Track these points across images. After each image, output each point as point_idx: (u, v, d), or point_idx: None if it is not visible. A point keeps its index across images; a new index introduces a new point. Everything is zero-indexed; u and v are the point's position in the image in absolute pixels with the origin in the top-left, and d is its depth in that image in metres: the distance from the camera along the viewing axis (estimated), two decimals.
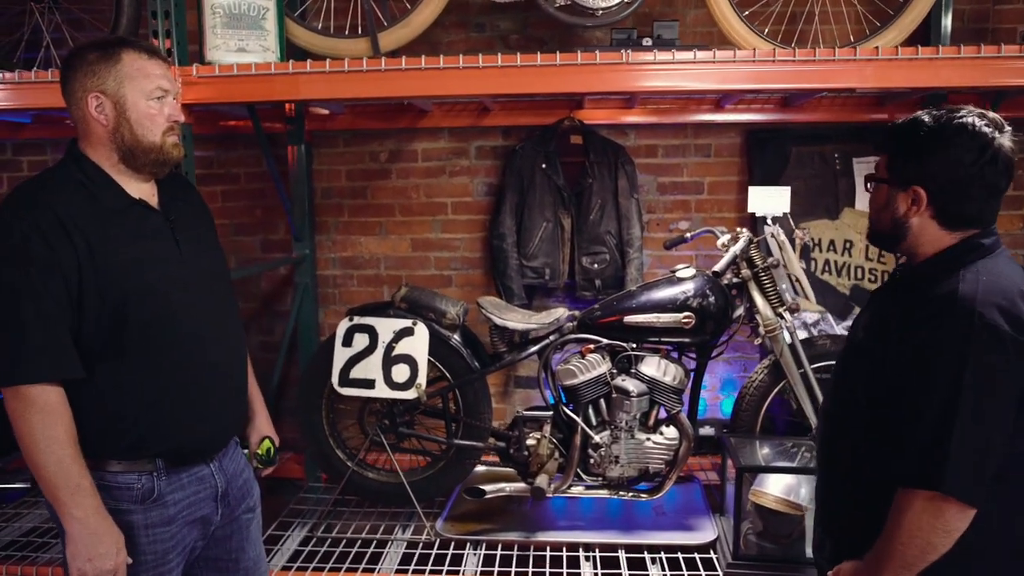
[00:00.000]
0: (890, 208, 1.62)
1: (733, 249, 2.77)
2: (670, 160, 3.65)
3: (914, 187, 1.56)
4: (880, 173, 1.66)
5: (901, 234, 1.61)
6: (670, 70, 2.42)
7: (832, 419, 1.75)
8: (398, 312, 2.93)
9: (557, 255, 3.47)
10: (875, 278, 3.43)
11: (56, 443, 1.61)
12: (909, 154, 1.58)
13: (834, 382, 1.79)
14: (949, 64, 2.47)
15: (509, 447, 2.95)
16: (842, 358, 1.75)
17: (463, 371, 2.94)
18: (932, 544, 1.46)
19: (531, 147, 3.45)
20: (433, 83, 2.41)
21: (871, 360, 1.60)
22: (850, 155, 3.48)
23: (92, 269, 1.65)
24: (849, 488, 1.69)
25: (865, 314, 1.73)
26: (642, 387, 2.77)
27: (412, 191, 3.72)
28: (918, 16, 2.67)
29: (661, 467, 2.86)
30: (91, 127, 1.76)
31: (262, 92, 2.41)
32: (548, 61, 2.46)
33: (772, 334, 2.82)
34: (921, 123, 1.57)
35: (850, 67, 2.48)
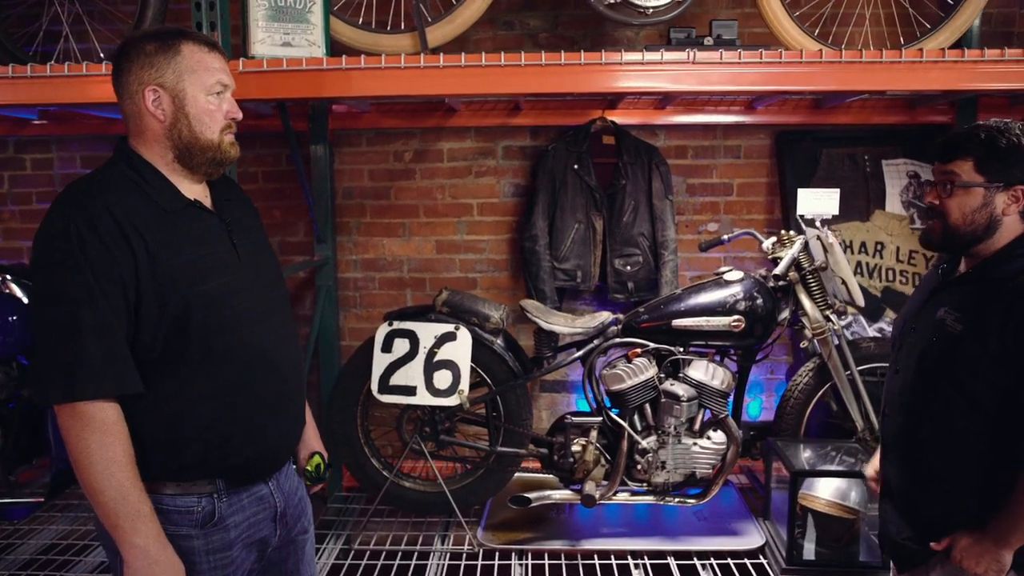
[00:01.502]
0: (988, 207, 1.72)
1: (791, 252, 2.74)
2: (700, 161, 3.62)
3: (1018, 186, 1.69)
4: (966, 177, 1.73)
5: (992, 231, 1.72)
6: (710, 69, 2.38)
7: (916, 410, 1.80)
8: (439, 316, 2.85)
9: (589, 257, 3.41)
10: (906, 279, 3.43)
11: (116, 465, 1.49)
12: (1009, 157, 1.69)
13: (921, 373, 1.80)
14: (982, 67, 2.46)
15: (552, 453, 2.88)
16: (939, 349, 1.76)
17: (506, 376, 2.87)
18: None
19: (563, 147, 3.39)
20: (489, 80, 2.34)
21: (984, 346, 1.66)
22: (880, 158, 3.48)
23: (151, 275, 1.54)
24: (950, 469, 1.76)
25: (942, 307, 1.77)
26: (691, 391, 2.72)
27: (437, 191, 3.64)
28: (970, 17, 2.67)
29: (708, 472, 2.82)
30: (146, 123, 1.65)
31: (312, 88, 2.31)
32: (592, 60, 2.41)
33: (820, 336, 2.79)
34: (1010, 129, 1.71)
35: (881, 69, 2.45)
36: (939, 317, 1.77)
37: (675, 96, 3.09)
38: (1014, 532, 1.63)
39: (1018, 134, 1.70)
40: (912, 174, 3.46)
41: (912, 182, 3.46)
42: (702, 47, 2.39)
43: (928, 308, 1.83)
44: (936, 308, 1.79)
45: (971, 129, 1.77)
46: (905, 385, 1.86)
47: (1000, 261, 1.72)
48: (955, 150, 1.76)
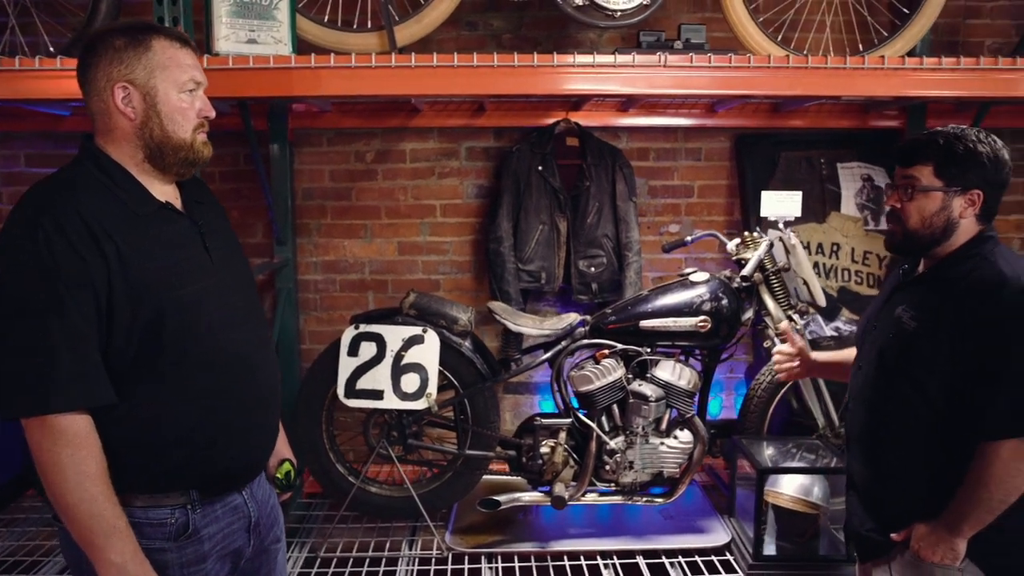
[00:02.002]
0: (946, 211, 1.79)
1: (757, 253, 2.78)
2: (661, 163, 3.66)
3: (975, 191, 1.77)
4: (925, 182, 1.81)
5: (949, 233, 1.80)
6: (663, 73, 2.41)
7: (876, 405, 1.89)
8: (407, 319, 2.82)
9: (553, 259, 3.41)
10: (861, 280, 3.52)
11: (89, 480, 1.43)
12: (966, 163, 1.78)
13: (881, 370, 1.88)
14: (921, 74, 2.54)
15: (521, 455, 2.88)
16: (898, 347, 1.83)
17: (474, 379, 2.85)
18: (1017, 486, 1.67)
19: (527, 149, 3.39)
20: (461, 81, 2.32)
21: (929, 347, 1.75)
22: (835, 161, 3.57)
23: (123, 280, 1.48)
24: (908, 462, 1.83)
25: (900, 307, 1.85)
26: (659, 392, 2.75)
27: (399, 192, 3.60)
28: (924, 26, 2.75)
29: (675, 471, 2.85)
30: (115, 121, 1.59)
31: (280, 87, 2.26)
32: (564, 62, 2.42)
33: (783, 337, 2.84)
34: (966, 136, 1.79)
35: (838, 76, 2.51)
36: (897, 315, 1.84)
37: (640, 99, 3.11)
38: (966, 521, 1.71)
39: (973, 140, 1.78)
40: (866, 177, 3.56)
41: (866, 185, 3.56)
42: (672, 50, 2.42)
43: (888, 307, 1.91)
44: (895, 307, 1.87)
45: (930, 135, 1.84)
46: (866, 381, 1.93)
47: (954, 262, 1.80)
48: (915, 155, 1.83)
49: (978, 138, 1.80)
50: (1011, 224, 3.86)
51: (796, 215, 2.97)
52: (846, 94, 2.56)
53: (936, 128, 1.85)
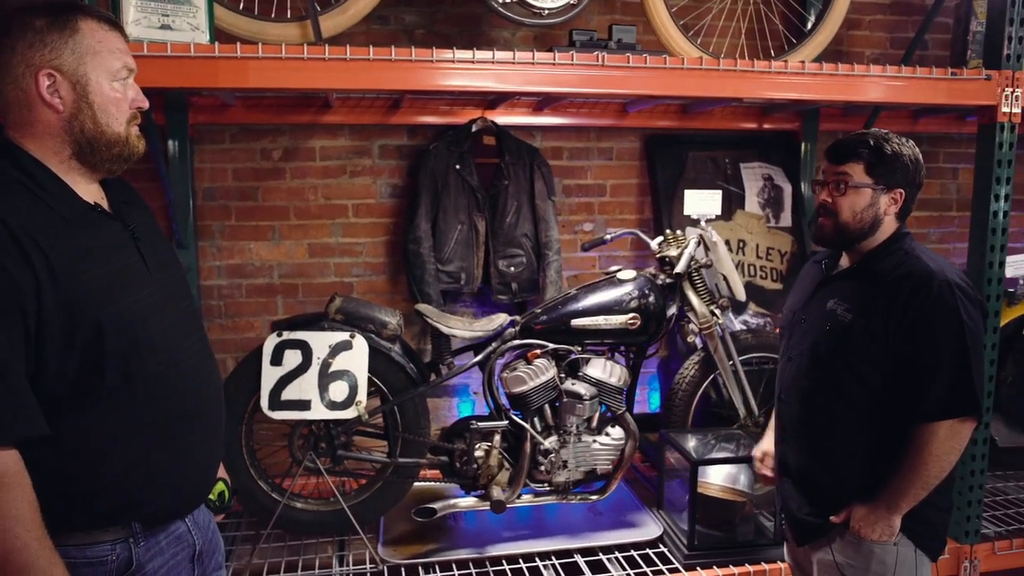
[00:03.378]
0: (874, 207, 1.94)
1: (688, 250, 2.84)
2: (575, 163, 3.69)
3: (898, 189, 1.93)
4: (857, 179, 1.94)
5: (875, 228, 1.95)
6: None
7: (812, 394, 1.99)
8: (333, 325, 2.69)
9: (472, 259, 3.37)
10: (765, 275, 3.69)
11: (19, 523, 1.27)
12: (892, 163, 1.92)
13: (814, 361, 1.99)
14: (814, 79, 2.65)
15: (454, 460, 2.81)
16: (832, 337, 1.94)
17: (404, 385, 2.76)
18: (951, 461, 1.83)
19: (444, 147, 3.32)
20: (394, 76, 2.23)
21: (865, 336, 1.87)
22: (738, 161, 3.72)
23: (55, 296, 1.32)
24: (846, 447, 1.95)
25: (831, 299, 1.97)
26: (592, 390, 2.76)
27: (309, 192, 3.44)
28: (828, 35, 2.91)
29: (608, 467, 2.87)
30: (37, 113, 1.42)
31: (202, 78, 2.08)
32: (529, 59, 2.35)
33: (708, 331, 2.93)
34: (892, 138, 1.95)
35: (766, 78, 2.58)
36: (829, 308, 1.96)
37: (569, 98, 3.10)
38: (903, 498, 1.85)
39: (898, 143, 1.94)
40: (766, 176, 3.73)
41: (767, 184, 3.73)
42: (608, 50, 2.43)
43: (817, 300, 2.03)
44: (825, 300, 1.99)
45: (860, 136, 1.96)
46: (800, 372, 2.03)
47: (879, 256, 1.94)
48: (848, 154, 1.95)
49: (901, 141, 1.95)
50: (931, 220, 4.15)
51: (716, 213, 3.07)
52: (774, 96, 2.63)
53: (862, 131, 1.99)
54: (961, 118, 4.03)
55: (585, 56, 2.35)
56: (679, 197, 3.60)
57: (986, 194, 2.71)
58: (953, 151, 4.21)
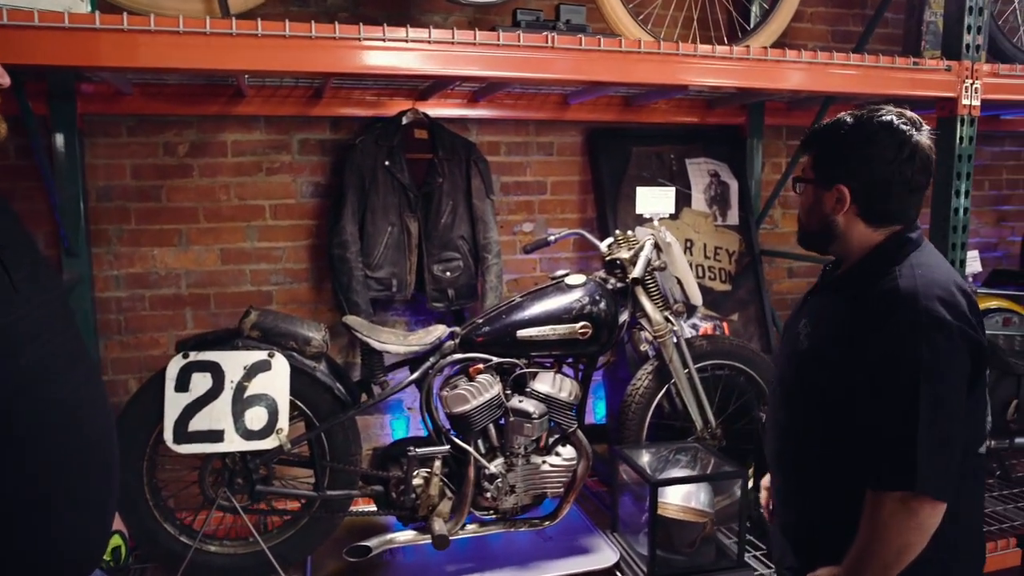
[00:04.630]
0: (817, 208, 1.63)
1: (644, 253, 2.62)
2: (513, 158, 3.45)
3: (838, 185, 1.58)
4: (806, 174, 1.67)
5: (830, 234, 1.63)
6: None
7: (788, 429, 1.71)
8: (248, 342, 2.37)
9: (404, 263, 3.08)
10: (714, 275, 3.53)
11: None
12: (832, 154, 1.61)
13: (785, 391, 1.73)
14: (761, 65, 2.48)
15: (390, 491, 2.53)
16: (794, 366, 1.69)
17: (332, 408, 2.46)
18: (909, 543, 1.46)
19: (372, 142, 3.02)
20: (322, 57, 1.94)
21: (828, 365, 1.57)
22: (683, 156, 3.55)
23: None
24: (818, 495, 1.65)
25: (804, 319, 1.69)
26: (541, 407, 2.52)
27: (220, 192, 3.09)
28: (782, 23, 2.75)
29: (559, 490, 2.64)
30: None
31: (80, 55, 1.73)
32: (418, 36, 2.09)
33: (662, 339, 2.73)
34: (843, 123, 1.61)
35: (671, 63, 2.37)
36: (797, 329, 1.69)
37: (507, 83, 2.85)
38: (865, 569, 1.49)
39: (849, 127, 1.59)
40: (713, 173, 3.57)
41: (713, 180, 3.57)
42: (558, 31, 2.18)
43: (798, 316, 1.74)
44: (801, 318, 1.71)
45: (831, 121, 1.66)
46: (776, 402, 1.78)
47: (858, 272, 1.61)
48: (804, 143, 1.71)
49: (859, 124, 1.58)
50: None
51: (671, 211, 2.87)
52: (738, 84, 2.43)
53: (844, 113, 1.65)
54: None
55: (533, 37, 2.10)
56: (624, 195, 3.40)
57: (946, 191, 2.60)
58: None
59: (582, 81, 2.28)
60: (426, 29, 2.16)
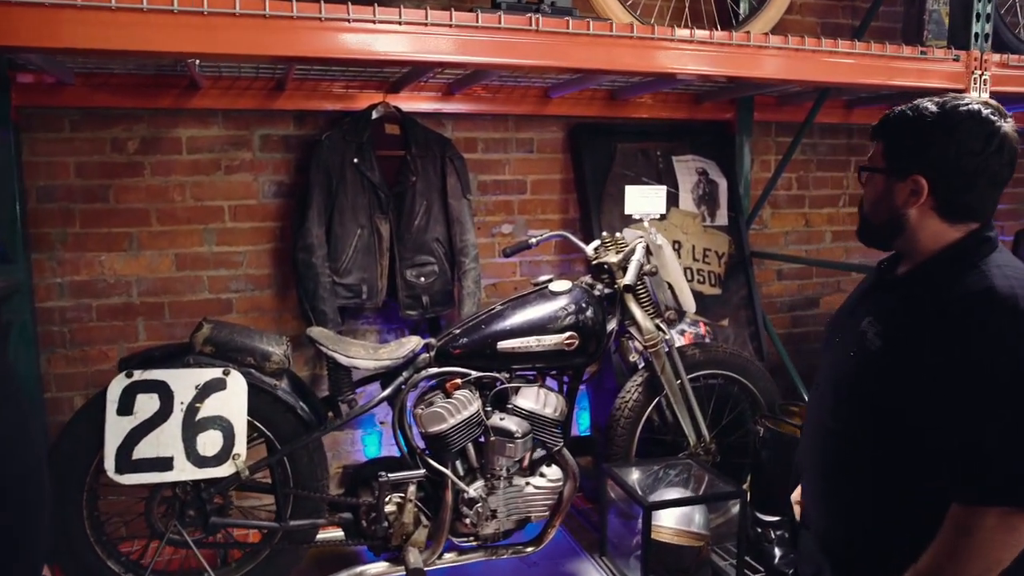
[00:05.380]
0: (887, 199, 1.48)
1: (636, 258, 2.43)
2: (491, 156, 3.24)
3: (914, 176, 1.43)
4: (875, 162, 1.50)
5: (899, 227, 1.48)
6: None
7: (841, 434, 1.53)
8: (201, 359, 2.14)
9: (375, 268, 2.87)
10: (703, 278, 3.35)
11: None
12: (911, 142, 1.44)
13: (841, 393, 1.54)
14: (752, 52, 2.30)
15: (359, 518, 2.32)
16: (858, 366, 1.49)
17: (295, 430, 2.24)
18: (1000, 561, 1.32)
19: (339, 137, 2.80)
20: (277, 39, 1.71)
21: (907, 367, 1.39)
22: (670, 153, 3.37)
23: None
24: (873, 506, 1.49)
25: (867, 317, 1.51)
26: (524, 425, 2.33)
27: (175, 191, 2.85)
28: (779, 10, 2.57)
29: (544, 514, 2.45)
30: None
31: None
32: (387, 17, 1.89)
33: (653, 349, 2.54)
34: (925, 110, 1.44)
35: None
36: (861, 328, 1.50)
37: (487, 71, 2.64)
38: None
39: (933, 114, 1.42)
40: (701, 171, 3.40)
41: (701, 179, 3.39)
42: (543, 13, 1.98)
43: (855, 314, 1.57)
44: (862, 316, 1.53)
45: (892, 110, 1.50)
46: (822, 405, 1.60)
47: (936, 268, 1.45)
48: (877, 128, 1.52)
49: (944, 111, 1.42)
50: (823, 217, 3.93)
51: (661, 211, 2.69)
52: (739, 73, 2.25)
53: (918, 100, 1.47)
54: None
55: (515, 19, 1.90)
56: (608, 194, 3.21)
57: None
58: None
59: (569, 68, 2.07)
60: (396, 9, 1.95)
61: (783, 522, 2.60)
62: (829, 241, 3.95)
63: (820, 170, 3.85)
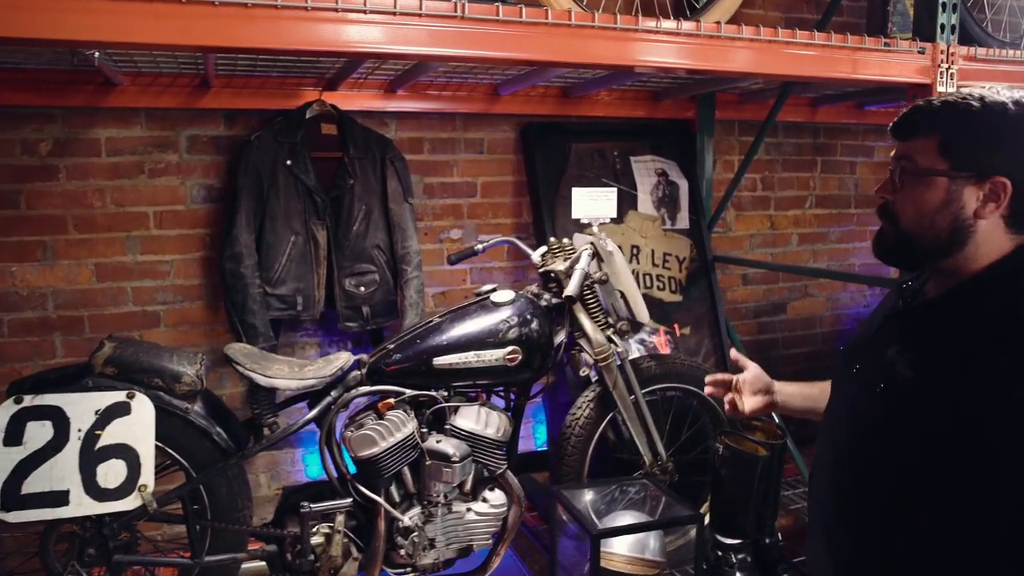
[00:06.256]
0: (950, 207, 1.19)
1: (581, 265, 2.26)
2: (438, 157, 3.07)
3: (995, 178, 1.17)
4: (924, 162, 1.21)
5: (960, 241, 1.20)
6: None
7: (849, 485, 1.28)
8: (101, 381, 1.95)
9: (311, 278, 2.69)
10: (663, 285, 3.19)
11: None
12: (983, 137, 1.19)
13: (853, 435, 1.29)
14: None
15: (284, 551, 2.13)
16: (887, 402, 1.23)
17: (210, 456, 2.05)
18: None
19: (271, 138, 2.62)
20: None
21: (937, 410, 1.15)
22: (628, 154, 3.21)
23: None
24: (899, 561, 1.22)
25: (893, 346, 1.25)
26: (463, 448, 2.15)
27: (94, 197, 2.65)
28: (735, 1, 2.42)
29: (487, 541, 2.27)
30: None
31: None
32: (323, 4, 1.70)
33: (605, 362, 2.38)
34: (995, 100, 1.19)
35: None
36: (888, 359, 1.24)
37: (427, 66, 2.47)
38: None
39: (1006, 101, 1.19)
40: (660, 172, 3.24)
41: (661, 180, 3.23)
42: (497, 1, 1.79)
43: (877, 341, 1.30)
44: (887, 344, 1.26)
45: (943, 97, 1.24)
46: (836, 445, 1.33)
47: (982, 286, 1.20)
48: (917, 124, 1.24)
49: (1014, 99, 1.19)
50: (789, 219, 3.79)
51: (611, 215, 2.52)
52: (720, 68, 2.10)
53: (969, 89, 1.24)
54: (859, 107, 3.70)
55: (480, 8, 1.71)
56: (563, 197, 3.04)
57: None
58: (851, 143, 3.89)
59: (522, 61, 1.91)
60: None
61: (745, 545, 2.46)
62: (796, 244, 3.82)
63: (786, 170, 3.72)
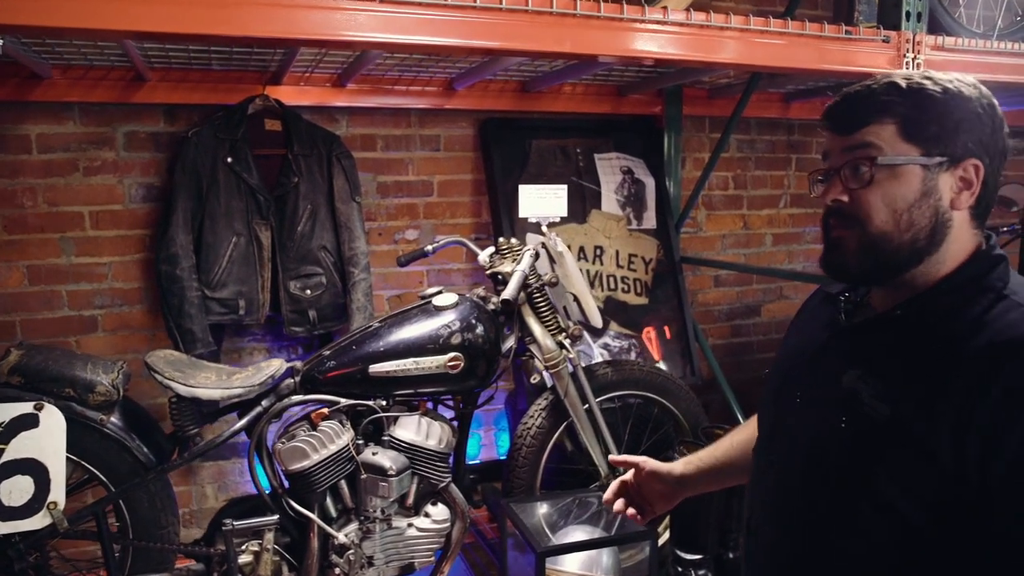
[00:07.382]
0: (930, 198, 1.01)
1: (520, 268, 2.14)
2: (392, 154, 2.95)
3: (969, 160, 1.00)
4: (890, 150, 1.00)
5: (938, 238, 1.01)
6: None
7: (804, 528, 1.08)
8: (6, 391, 1.82)
9: (255, 280, 2.57)
10: (628, 287, 3.07)
11: None
12: (950, 117, 1.01)
13: (809, 477, 1.08)
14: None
15: (212, 570, 2.01)
16: (832, 444, 1.04)
17: (130, 470, 1.93)
18: None
19: (211, 134, 2.50)
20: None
21: (912, 448, 0.96)
22: (591, 151, 3.09)
23: None
24: None
25: (850, 369, 1.05)
26: (402, 460, 2.03)
27: (24, 196, 2.53)
28: None
29: (429, 559, 2.15)
30: None
31: None
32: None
33: (555, 369, 2.26)
34: (941, 80, 1.02)
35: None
36: (847, 387, 1.04)
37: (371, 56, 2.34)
38: None
39: (957, 87, 1.02)
40: (625, 169, 3.12)
41: (626, 178, 3.12)
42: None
43: (824, 367, 1.10)
44: (840, 369, 1.06)
45: (887, 78, 1.04)
46: (783, 488, 1.13)
47: (946, 297, 1.02)
48: (866, 111, 1.03)
49: (965, 84, 1.03)
50: (762, 219, 3.68)
51: (561, 215, 2.41)
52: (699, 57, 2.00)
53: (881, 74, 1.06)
54: None
55: None
56: None
57: None
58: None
59: (478, 49, 1.78)
60: None
61: (706, 560, 2.35)
62: (770, 244, 3.71)
63: (759, 168, 3.60)
